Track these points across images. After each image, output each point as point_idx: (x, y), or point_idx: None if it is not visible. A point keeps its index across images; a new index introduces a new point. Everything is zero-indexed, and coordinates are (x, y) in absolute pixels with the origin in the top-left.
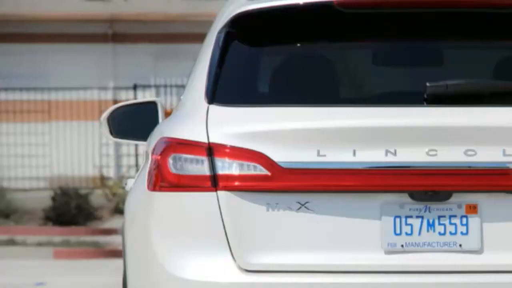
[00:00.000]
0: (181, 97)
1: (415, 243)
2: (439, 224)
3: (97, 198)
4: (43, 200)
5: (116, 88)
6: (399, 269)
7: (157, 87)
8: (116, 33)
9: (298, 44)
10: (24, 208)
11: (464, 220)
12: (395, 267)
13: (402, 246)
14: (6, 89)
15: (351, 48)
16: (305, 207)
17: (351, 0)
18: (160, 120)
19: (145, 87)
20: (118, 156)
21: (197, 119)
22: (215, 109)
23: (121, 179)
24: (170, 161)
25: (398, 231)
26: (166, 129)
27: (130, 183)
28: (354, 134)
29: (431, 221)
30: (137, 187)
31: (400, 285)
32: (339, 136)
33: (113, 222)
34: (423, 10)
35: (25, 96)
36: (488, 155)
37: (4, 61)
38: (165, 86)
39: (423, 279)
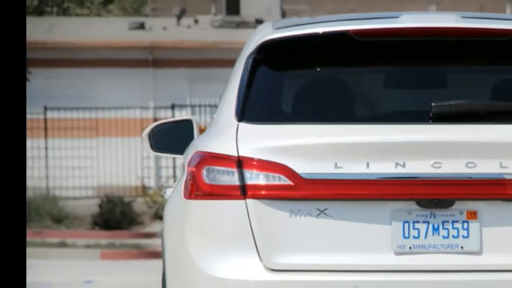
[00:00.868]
0: (214, 115)
1: (422, 245)
2: (443, 228)
3: (139, 205)
4: (91, 207)
5: (156, 108)
6: (408, 269)
7: (192, 106)
8: (155, 59)
9: (318, 68)
10: (74, 214)
11: (465, 225)
12: (404, 267)
13: (410, 248)
14: (58, 109)
15: (365, 72)
16: (324, 213)
17: (364, 30)
18: (195, 136)
19: (182, 106)
20: (158, 168)
21: (228, 135)
22: (244, 126)
23: (160, 188)
24: (204, 172)
25: (406, 235)
26: (200, 144)
27: (168, 192)
28: (368, 149)
29: (436, 225)
30: (174, 196)
31: (408, 283)
32: (354, 150)
33: (153, 227)
34: (429, 38)
35: (75, 115)
36: (486, 167)
37: (57, 84)
38: (200, 105)
39: (429, 277)
